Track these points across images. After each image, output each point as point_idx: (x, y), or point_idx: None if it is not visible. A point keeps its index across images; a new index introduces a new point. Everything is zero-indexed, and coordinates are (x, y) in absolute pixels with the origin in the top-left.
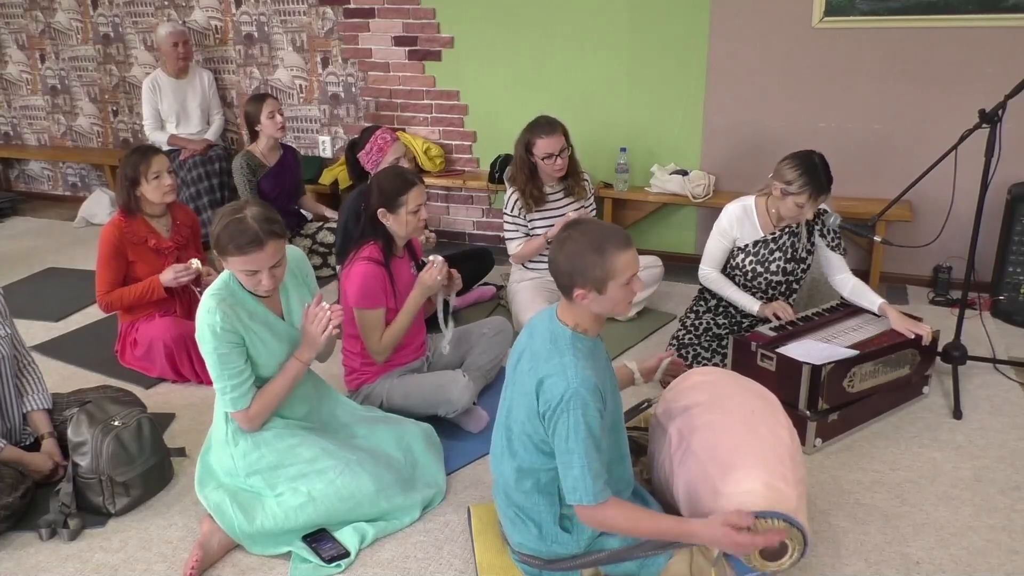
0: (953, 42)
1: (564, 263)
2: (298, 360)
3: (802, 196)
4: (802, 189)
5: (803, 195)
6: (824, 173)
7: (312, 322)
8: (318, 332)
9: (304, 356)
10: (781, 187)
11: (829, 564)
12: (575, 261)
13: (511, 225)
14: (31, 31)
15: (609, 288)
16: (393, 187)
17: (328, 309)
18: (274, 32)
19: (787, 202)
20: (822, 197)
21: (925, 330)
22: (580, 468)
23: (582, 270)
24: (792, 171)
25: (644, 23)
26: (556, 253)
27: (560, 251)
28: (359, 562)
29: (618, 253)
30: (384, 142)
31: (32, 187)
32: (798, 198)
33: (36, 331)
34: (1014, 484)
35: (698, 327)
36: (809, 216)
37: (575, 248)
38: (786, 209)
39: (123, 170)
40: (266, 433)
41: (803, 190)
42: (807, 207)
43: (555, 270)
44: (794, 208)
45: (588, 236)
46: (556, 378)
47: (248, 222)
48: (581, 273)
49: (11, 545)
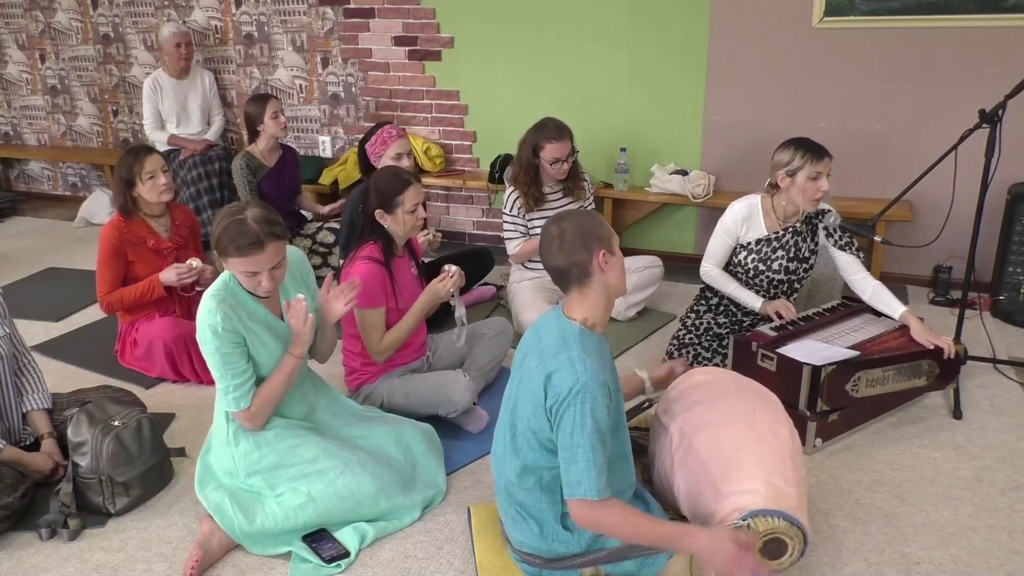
0: (953, 42)
1: (574, 237)
2: (291, 355)
3: (807, 165)
4: (803, 158)
5: (807, 163)
6: (814, 142)
7: (292, 315)
8: (300, 323)
9: (296, 351)
10: (784, 172)
11: (829, 564)
12: (585, 229)
13: (510, 225)
14: (31, 31)
15: (615, 245)
16: (389, 187)
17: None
18: (274, 32)
19: (798, 181)
20: (826, 159)
21: (947, 343)
22: (585, 462)
23: (596, 232)
24: (784, 152)
25: (644, 23)
26: (557, 244)
27: (561, 239)
28: (359, 562)
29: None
30: (388, 135)
31: (32, 187)
32: (805, 170)
33: (36, 331)
34: (1014, 484)
35: (698, 327)
36: (825, 187)
37: (575, 225)
38: (802, 192)
39: (118, 171)
40: (267, 433)
41: (804, 158)
42: (821, 178)
43: (563, 258)
44: (810, 185)
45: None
46: (564, 372)
47: (248, 223)
48: (596, 235)
49: (11, 545)
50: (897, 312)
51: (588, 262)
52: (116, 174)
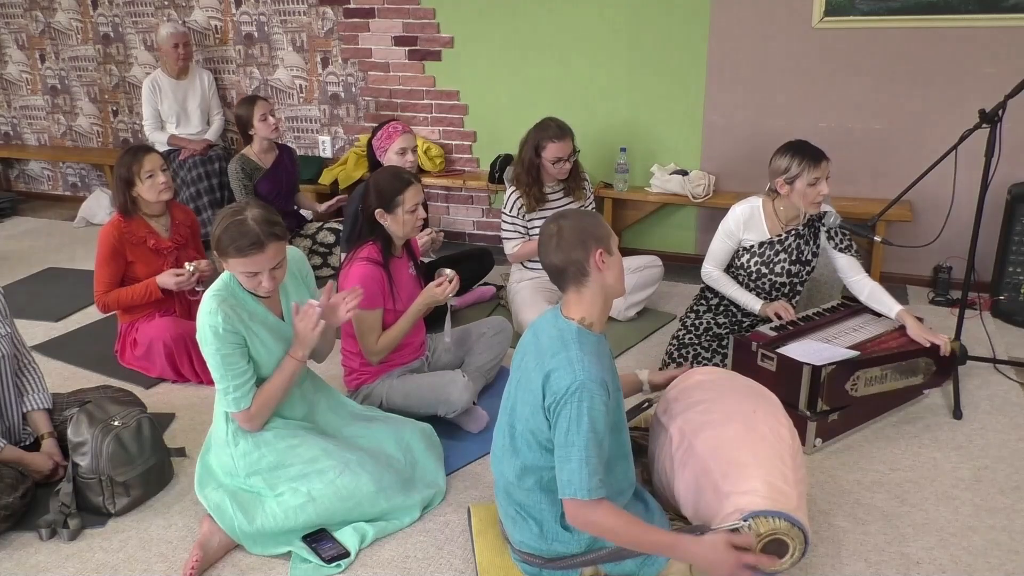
0: (953, 42)
1: (572, 235)
2: (292, 358)
3: (805, 171)
4: (800, 164)
5: (805, 170)
6: (812, 146)
7: (303, 319)
8: (309, 328)
9: (298, 354)
10: (782, 178)
11: (829, 564)
12: (583, 227)
13: (509, 225)
14: (31, 31)
15: (613, 246)
16: (389, 187)
17: (317, 306)
18: (274, 32)
19: (798, 188)
20: (824, 164)
21: (943, 340)
22: (578, 461)
23: (594, 231)
24: (781, 158)
25: (644, 23)
26: (555, 243)
27: (560, 237)
28: (359, 562)
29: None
30: (394, 130)
31: (32, 187)
32: (803, 177)
33: (36, 331)
34: (1014, 484)
35: (698, 327)
36: (825, 191)
37: (573, 224)
38: (802, 197)
39: (117, 171)
40: (266, 433)
41: (801, 165)
42: (820, 182)
43: (561, 256)
44: (809, 191)
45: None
46: (563, 371)
47: (249, 224)
48: (594, 235)
49: (11, 545)
50: (893, 311)
51: (585, 261)
52: (115, 174)
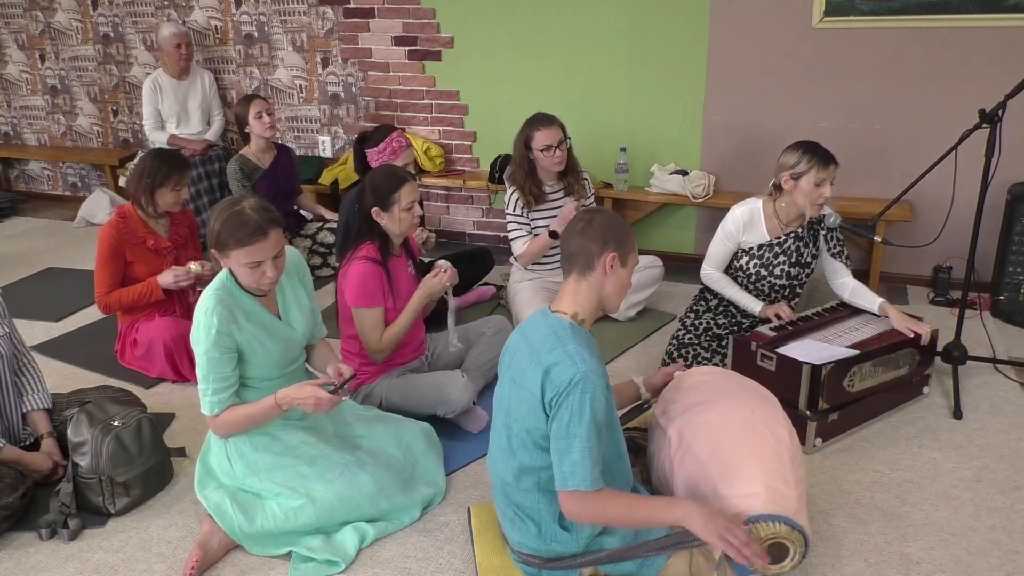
0: (953, 42)
1: (598, 229)
2: (275, 403)
3: (812, 170)
4: (809, 163)
5: (813, 168)
6: (823, 148)
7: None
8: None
9: (284, 403)
10: (789, 174)
11: (829, 564)
12: (612, 228)
13: (515, 223)
14: (31, 31)
15: (629, 262)
16: (385, 185)
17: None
18: (274, 32)
19: (802, 187)
20: (832, 167)
21: (925, 329)
22: (580, 452)
23: (619, 236)
24: (792, 154)
25: (644, 23)
26: (582, 227)
27: (588, 224)
28: (359, 562)
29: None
30: (399, 146)
31: (32, 187)
32: (810, 175)
33: (36, 331)
34: (1014, 484)
35: (698, 327)
36: (828, 194)
37: (607, 220)
38: (805, 196)
39: (149, 173)
40: (265, 435)
41: (811, 163)
42: (825, 184)
43: (580, 242)
44: (813, 191)
45: (610, 215)
46: (564, 365)
47: (248, 213)
48: (617, 239)
49: (11, 545)
50: (875, 305)
51: (597, 257)
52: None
